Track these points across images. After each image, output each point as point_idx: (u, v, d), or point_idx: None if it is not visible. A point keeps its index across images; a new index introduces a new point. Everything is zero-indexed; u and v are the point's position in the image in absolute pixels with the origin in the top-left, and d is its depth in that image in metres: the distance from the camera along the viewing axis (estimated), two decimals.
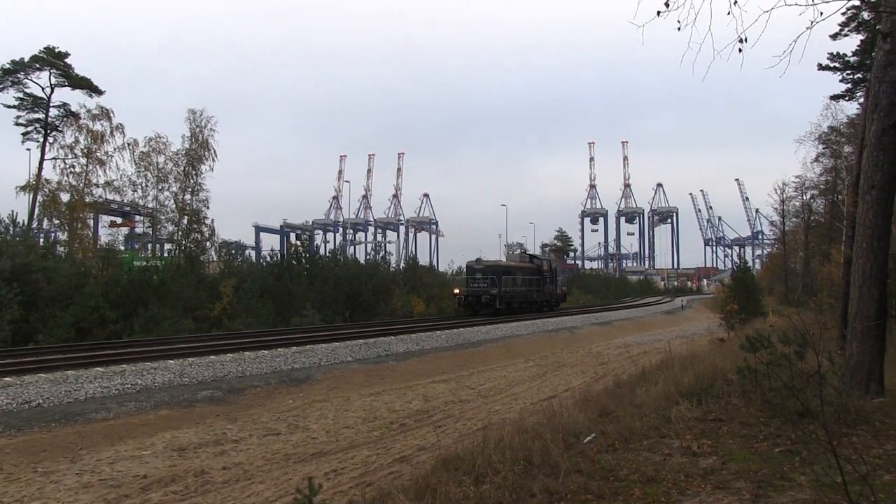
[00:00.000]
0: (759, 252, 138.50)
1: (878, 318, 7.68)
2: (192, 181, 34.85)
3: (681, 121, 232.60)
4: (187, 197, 34.86)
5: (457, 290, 38.52)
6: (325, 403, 13.76)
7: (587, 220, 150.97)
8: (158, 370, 15.50)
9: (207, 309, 29.23)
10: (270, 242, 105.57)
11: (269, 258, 39.97)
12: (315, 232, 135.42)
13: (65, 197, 34.50)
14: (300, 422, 12.04)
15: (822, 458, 4.93)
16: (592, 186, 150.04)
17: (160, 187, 34.94)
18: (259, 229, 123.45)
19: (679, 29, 5.81)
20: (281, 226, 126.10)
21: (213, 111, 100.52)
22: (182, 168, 34.75)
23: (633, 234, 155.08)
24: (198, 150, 34.89)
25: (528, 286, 40.31)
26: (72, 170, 34.39)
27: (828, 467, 4.58)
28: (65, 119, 35.51)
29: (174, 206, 34.94)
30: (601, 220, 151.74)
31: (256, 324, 28.61)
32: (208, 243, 35.50)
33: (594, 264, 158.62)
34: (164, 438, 10.64)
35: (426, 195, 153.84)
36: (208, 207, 35.25)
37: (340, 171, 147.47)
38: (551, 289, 43.85)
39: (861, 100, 20.82)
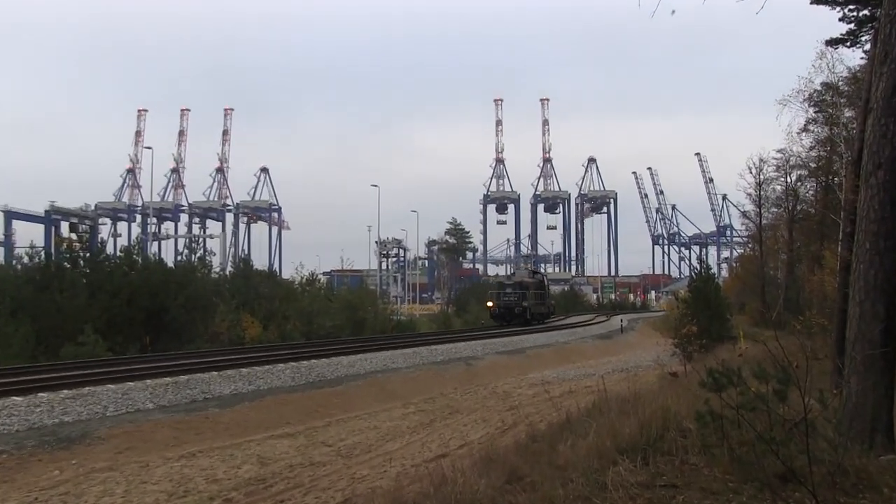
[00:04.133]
0: (726, 254, 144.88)
1: (884, 345, 7.63)
2: None
3: (619, 75, 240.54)
4: None
5: (490, 303, 57.33)
6: (112, 473, 13.22)
7: (491, 207, 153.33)
8: None
9: None
10: (30, 235, 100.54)
11: (26, 258, 38.23)
12: (100, 221, 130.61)
13: None
14: (72, 502, 11.47)
15: None
16: (499, 161, 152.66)
17: None
18: (11, 215, 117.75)
19: None
20: (47, 211, 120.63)
21: None
22: None
23: (554, 227, 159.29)
24: None
25: (537, 299, 58.60)
26: None
27: None
28: None
29: None
30: (511, 207, 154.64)
31: (5, 356, 27.32)
32: None
33: (501, 269, 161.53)
34: None
35: (264, 170, 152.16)
36: None
37: (138, 133, 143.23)
38: (549, 301, 65.49)
39: (867, 47, 21.53)
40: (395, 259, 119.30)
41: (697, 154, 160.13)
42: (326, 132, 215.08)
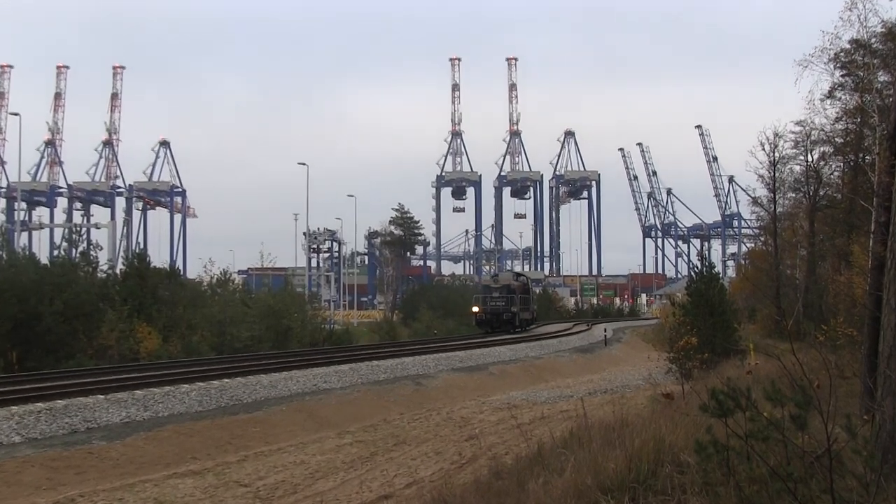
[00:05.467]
0: (733, 249, 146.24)
1: None
2: None
3: (603, 31, 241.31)
4: None
5: (475, 309, 63.11)
6: None
7: (446, 191, 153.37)
8: None
9: None
10: None
11: None
12: None
13: None
14: None
15: None
16: (456, 135, 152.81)
17: None
18: None
19: None
20: None
21: None
22: None
23: (523, 216, 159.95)
24: None
25: (523, 304, 64.99)
26: None
27: None
28: None
29: None
30: (470, 192, 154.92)
31: None
32: None
33: (458, 267, 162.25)
34: None
35: (164, 144, 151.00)
36: None
37: (1, 95, 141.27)
38: (533, 307, 72.68)
39: None
40: (327, 255, 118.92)
41: (698, 127, 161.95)
42: (240, 98, 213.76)
